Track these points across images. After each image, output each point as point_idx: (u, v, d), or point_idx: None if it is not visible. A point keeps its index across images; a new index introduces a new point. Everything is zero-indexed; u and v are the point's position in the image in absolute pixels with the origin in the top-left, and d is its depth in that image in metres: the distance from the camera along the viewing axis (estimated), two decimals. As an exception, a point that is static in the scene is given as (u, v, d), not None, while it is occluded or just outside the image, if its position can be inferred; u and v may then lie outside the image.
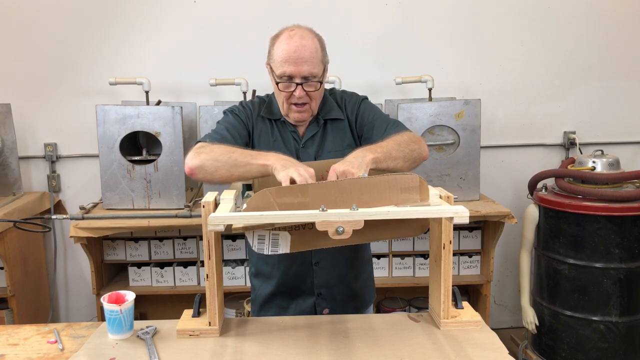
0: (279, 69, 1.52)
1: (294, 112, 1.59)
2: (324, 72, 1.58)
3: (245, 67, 2.89)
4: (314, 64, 1.52)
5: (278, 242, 1.31)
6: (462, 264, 2.88)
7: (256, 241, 1.30)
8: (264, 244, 1.31)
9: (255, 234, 1.30)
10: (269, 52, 1.58)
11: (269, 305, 1.71)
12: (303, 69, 1.50)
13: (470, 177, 2.76)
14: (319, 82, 1.55)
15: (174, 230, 2.80)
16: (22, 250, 2.75)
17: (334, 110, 1.65)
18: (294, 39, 1.51)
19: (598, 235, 2.46)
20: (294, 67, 1.50)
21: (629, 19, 3.13)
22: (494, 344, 1.36)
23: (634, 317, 2.52)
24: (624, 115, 3.22)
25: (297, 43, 1.50)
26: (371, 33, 3.04)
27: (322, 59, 1.56)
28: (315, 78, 1.53)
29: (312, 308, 1.68)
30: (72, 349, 1.38)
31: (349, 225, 1.18)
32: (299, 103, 1.56)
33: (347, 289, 1.71)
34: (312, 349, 1.34)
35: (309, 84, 1.53)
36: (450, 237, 1.40)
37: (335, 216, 1.18)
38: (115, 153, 2.56)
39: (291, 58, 1.49)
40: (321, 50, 1.55)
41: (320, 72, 1.55)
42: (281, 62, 1.51)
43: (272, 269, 1.68)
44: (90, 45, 2.97)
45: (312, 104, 1.58)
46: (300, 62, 1.49)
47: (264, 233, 1.30)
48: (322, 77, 1.56)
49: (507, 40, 3.10)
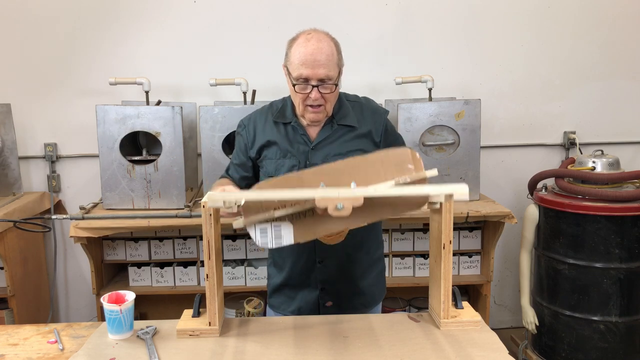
0: (296, 72, 1.57)
1: (310, 112, 1.64)
2: (339, 75, 1.63)
3: (245, 67, 2.90)
4: (329, 67, 1.56)
5: (280, 233, 1.31)
6: (462, 264, 2.88)
7: (259, 235, 1.30)
8: (267, 237, 1.30)
9: (257, 227, 1.30)
10: (287, 54, 1.63)
11: (278, 294, 1.82)
12: (319, 72, 1.55)
13: (470, 177, 2.76)
14: (334, 84, 1.59)
15: (174, 230, 2.79)
16: (22, 250, 2.75)
17: (348, 117, 1.69)
18: (311, 42, 1.56)
19: (598, 235, 2.46)
20: (310, 70, 1.55)
21: (629, 19, 3.13)
22: (494, 344, 1.36)
23: (634, 317, 2.52)
24: (624, 115, 3.22)
25: (314, 46, 1.55)
26: (371, 33, 3.05)
27: (338, 62, 1.60)
28: (330, 81, 1.58)
29: (316, 300, 1.76)
30: (72, 349, 1.38)
31: (348, 202, 1.18)
32: (314, 105, 1.61)
33: (353, 285, 1.77)
34: (312, 349, 1.34)
35: (324, 86, 1.58)
36: (450, 237, 1.40)
37: (334, 192, 1.18)
38: (115, 153, 2.56)
39: (308, 61, 1.54)
40: (337, 54, 1.60)
41: (336, 75, 1.60)
42: (298, 64, 1.56)
43: (283, 262, 1.78)
44: (90, 45, 2.97)
45: (327, 106, 1.63)
46: (316, 65, 1.54)
47: (266, 226, 1.30)
48: (337, 80, 1.61)
49: (507, 40, 3.10)
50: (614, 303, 2.49)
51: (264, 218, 1.28)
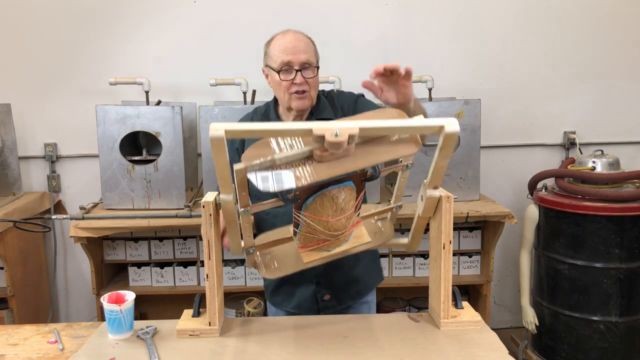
0: (279, 60, 1.66)
1: (296, 100, 1.70)
2: (318, 65, 1.73)
3: (245, 67, 2.89)
4: (309, 53, 1.68)
5: (282, 178, 1.32)
6: (462, 264, 2.88)
7: (260, 181, 1.31)
8: (269, 183, 1.32)
9: (258, 175, 1.32)
10: (265, 54, 1.74)
11: (277, 292, 1.87)
12: (301, 57, 1.65)
13: (470, 177, 2.76)
14: (316, 67, 1.70)
15: (174, 230, 2.79)
16: (22, 250, 2.75)
17: (326, 111, 1.77)
18: (288, 34, 1.69)
19: (598, 235, 2.46)
20: (292, 55, 1.65)
21: (629, 19, 3.12)
22: (494, 344, 1.36)
23: (634, 317, 2.52)
24: (624, 115, 3.22)
25: (291, 36, 1.68)
26: (371, 33, 3.04)
27: (315, 52, 1.72)
28: (312, 65, 1.68)
29: (314, 295, 1.80)
30: (72, 349, 1.38)
31: (344, 130, 1.20)
32: (299, 91, 1.68)
33: (346, 275, 1.80)
34: (312, 349, 1.34)
35: (307, 71, 1.67)
36: (450, 237, 1.40)
37: (330, 124, 1.22)
38: (115, 153, 2.56)
39: (288, 48, 1.65)
40: (313, 45, 1.72)
41: (315, 61, 1.70)
42: (280, 54, 1.66)
43: None
44: (90, 45, 2.97)
45: (311, 92, 1.71)
46: (297, 51, 1.65)
47: (267, 174, 1.32)
48: (317, 65, 1.72)
49: (507, 40, 3.10)
50: (614, 303, 2.49)
51: (264, 163, 1.30)
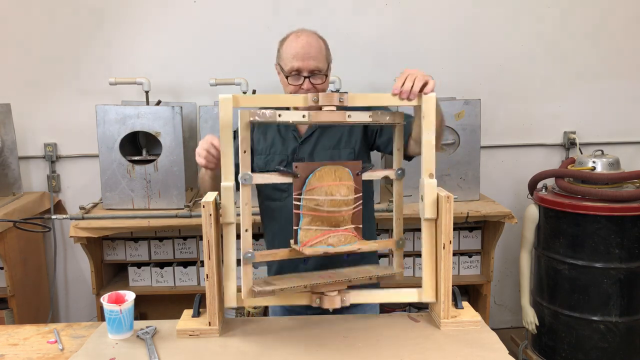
0: (288, 65, 1.67)
1: None
2: (329, 68, 1.73)
3: (245, 67, 2.89)
4: (319, 59, 1.67)
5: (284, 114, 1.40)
6: (462, 264, 2.88)
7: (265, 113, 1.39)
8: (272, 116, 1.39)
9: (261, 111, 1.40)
10: (278, 52, 1.74)
11: None
12: (310, 63, 1.65)
13: (470, 177, 2.76)
14: (324, 75, 1.70)
15: (174, 230, 2.79)
16: (22, 250, 2.75)
17: None
18: (301, 38, 1.68)
19: (598, 235, 2.46)
20: (301, 62, 1.65)
21: (629, 19, 3.12)
22: (494, 344, 1.36)
23: (634, 317, 2.52)
24: (624, 115, 3.22)
25: (304, 41, 1.67)
26: (371, 33, 3.04)
27: (327, 56, 1.72)
28: (321, 72, 1.68)
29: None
30: (72, 349, 1.38)
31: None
32: None
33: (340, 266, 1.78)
34: (312, 349, 1.34)
35: (315, 77, 1.68)
36: (450, 237, 1.41)
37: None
38: (115, 153, 2.56)
39: (299, 54, 1.65)
40: (325, 49, 1.72)
41: (325, 67, 1.70)
42: (290, 58, 1.66)
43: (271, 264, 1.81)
44: (90, 45, 2.96)
45: None
46: (307, 57, 1.65)
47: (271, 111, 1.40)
48: (327, 72, 1.72)
49: (507, 40, 3.10)
50: (614, 303, 2.49)
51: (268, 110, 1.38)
